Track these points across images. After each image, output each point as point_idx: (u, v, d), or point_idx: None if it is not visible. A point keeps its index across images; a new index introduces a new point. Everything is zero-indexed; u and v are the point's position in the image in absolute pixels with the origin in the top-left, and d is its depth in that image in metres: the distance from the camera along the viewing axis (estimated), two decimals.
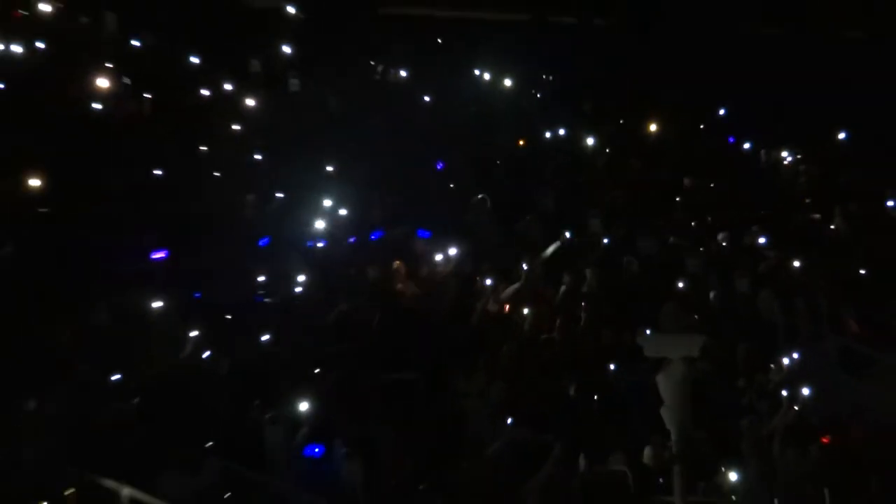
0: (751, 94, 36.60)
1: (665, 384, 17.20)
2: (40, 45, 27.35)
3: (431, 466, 19.36)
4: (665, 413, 17.32)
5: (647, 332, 20.36)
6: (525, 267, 25.34)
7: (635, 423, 21.14)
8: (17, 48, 26.83)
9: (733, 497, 20.30)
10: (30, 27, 28.36)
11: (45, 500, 16.97)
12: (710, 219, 30.45)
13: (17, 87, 25.30)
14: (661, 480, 19.65)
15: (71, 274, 21.14)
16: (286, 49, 31.42)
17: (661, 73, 36.94)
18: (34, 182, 22.27)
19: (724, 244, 29.11)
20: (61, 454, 17.87)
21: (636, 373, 21.06)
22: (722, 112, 37.42)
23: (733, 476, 20.30)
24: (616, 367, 22.91)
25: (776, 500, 20.68)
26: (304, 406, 19.75)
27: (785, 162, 35.35)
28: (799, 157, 35.27)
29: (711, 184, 32.44)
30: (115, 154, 24.30)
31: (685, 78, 36.52)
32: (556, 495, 19.22)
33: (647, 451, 20.62)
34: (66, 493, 17.32)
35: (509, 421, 20.74)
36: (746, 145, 35.81)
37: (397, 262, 24.73)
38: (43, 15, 28.78)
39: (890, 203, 32.02)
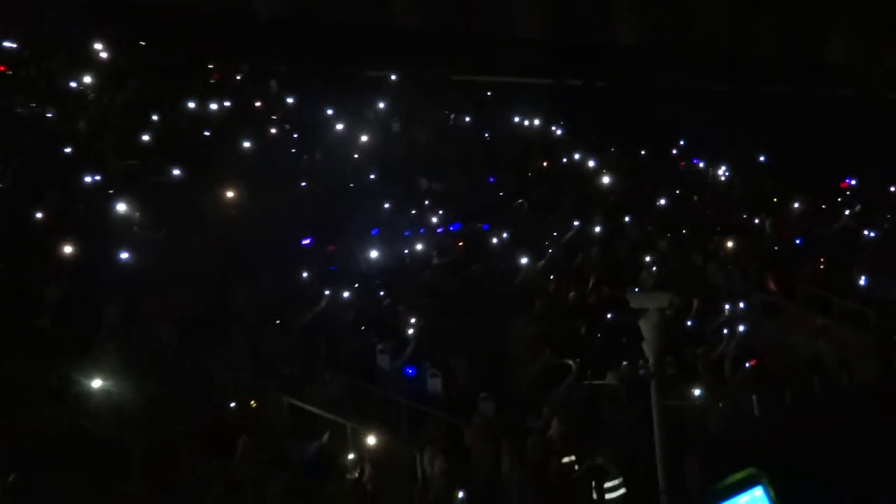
0: (703, 129, 36.43)
1: (645, 326, 16.93)
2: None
3: (489, 382, 19.17)
4: (645, 346, 17.07)
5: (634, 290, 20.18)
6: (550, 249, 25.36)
7: (625, 352, 20.88)
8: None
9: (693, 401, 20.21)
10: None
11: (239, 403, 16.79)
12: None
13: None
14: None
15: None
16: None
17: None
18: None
19: (683, 231, 29.22)
20: (247, 372, 17.79)
21: (625, 318, 20.77)
22: (682, 143, 37.24)
23: (692, 386, 20.19)
24: (612, 314, 22.66)
25: (721, 404, 20.53)
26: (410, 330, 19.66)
27: (722, 177, 35.44)
28: (731, 173, 35.45)
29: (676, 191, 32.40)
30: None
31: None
32: (571, 402, 19.03)
33: (609, 375, 20.46)
34: (251, 402, 17.18)
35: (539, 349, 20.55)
36: (700, 164, 35.74)
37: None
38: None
39: (795, 205, 32.35)
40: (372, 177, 27.41)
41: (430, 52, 36.59)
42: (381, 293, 21.86)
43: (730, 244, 28.23)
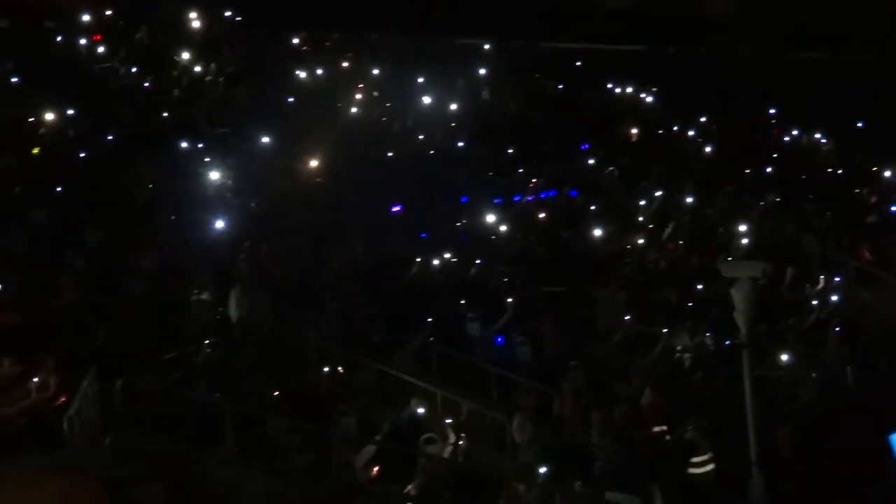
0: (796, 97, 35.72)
1: (737, 295, 16.74)
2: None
3: (578, 350, 19.02)
4: (737, 315, 16.85)
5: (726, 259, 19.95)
6: (641, 217, 25.11)
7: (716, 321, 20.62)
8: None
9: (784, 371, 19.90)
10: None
11: (326, 366, 16.81)
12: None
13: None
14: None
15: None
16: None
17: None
18: None
19: (776, 199, 28.79)
20: (339, 339, 17.82)
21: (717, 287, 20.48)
22: (775, 111, 36.63)
23: (784, 356, 19.86)
24: (703, 285, 22.36)
25: (814, 374, 20.18)
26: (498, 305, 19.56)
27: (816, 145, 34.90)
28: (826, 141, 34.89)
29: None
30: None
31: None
32: (661, 372, 18.83)
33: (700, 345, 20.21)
34: (339, 368, 17.20)
35: (628, 318, 20.34)
36: (794, 132, 35.16)
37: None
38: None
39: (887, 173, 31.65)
40: (462, 144, 27.31)
41: (520, 19, 36.30)
42: (471, 261, 21.75)
43: (827, 214, 27.83)
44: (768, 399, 18.40)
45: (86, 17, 27.70)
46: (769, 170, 31.37)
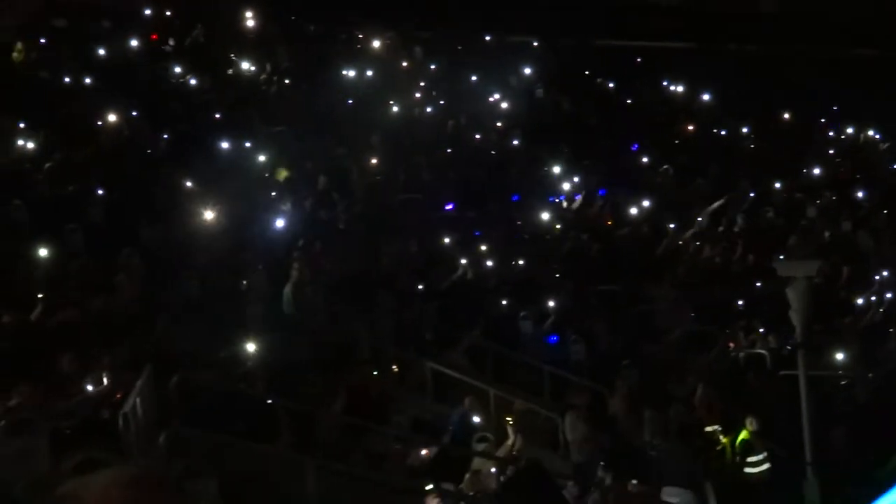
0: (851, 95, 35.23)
1: (792, 294, 16.59)
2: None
3: (631, 348, 18.93)
4: (792, 314, 16.70)
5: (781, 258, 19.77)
6: (700, 218, 24.98)
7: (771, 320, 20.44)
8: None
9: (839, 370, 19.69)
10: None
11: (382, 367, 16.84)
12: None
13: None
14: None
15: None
16: None
17: None
18: None
19: (833, 198, 28.47)
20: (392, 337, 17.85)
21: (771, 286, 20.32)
22: (832, 109, 36.24)
23: (839, 356, 19.66)
24: (759, 282, 22.18)
25: (870, 374, 19.96)
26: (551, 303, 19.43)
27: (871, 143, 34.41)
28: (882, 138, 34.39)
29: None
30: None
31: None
32: (716, 371, 18.70)
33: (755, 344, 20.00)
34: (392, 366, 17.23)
35: (682, 316, 20.23)
36: (849, 129, 34.74)
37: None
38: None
39: None
40: (515, 142, 27.26)
41: (574, 17, 36.15)
42: (524, 259, 21.70)
43: (884, 212, 27.49)
44: (823, 399, 18.22)
45: (142, 17, 27.86)
46: (825, 168, 30.99)
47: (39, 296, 15.04)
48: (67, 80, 23.67)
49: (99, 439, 12.53)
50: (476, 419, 16.10)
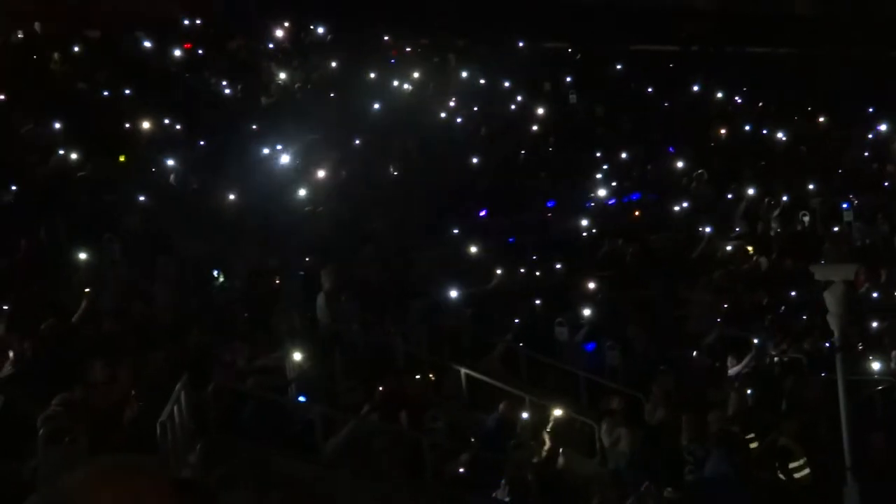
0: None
1: (830, 298, 16.42)
2: None
3: (668, 354, 18.86)
4: (830, 318, 16.55)
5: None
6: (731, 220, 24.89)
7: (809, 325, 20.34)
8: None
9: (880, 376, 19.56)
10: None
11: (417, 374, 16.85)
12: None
13: None
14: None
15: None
16: None
17: None
18: None
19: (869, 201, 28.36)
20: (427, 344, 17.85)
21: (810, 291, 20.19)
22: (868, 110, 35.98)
23: (876, 365, 19.52)
24: (796, 286, 22.06)
25: None
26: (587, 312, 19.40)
27: None
28: None
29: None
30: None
31: None
32: (753, 376, 18.59)
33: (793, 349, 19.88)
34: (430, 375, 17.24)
35: (719, 321, 20.14)
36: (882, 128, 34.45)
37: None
38: None
39: None
40: (549, 148, 27.26)
41: (606, 23, 36.10)
42: (559, 265, 21.66)
43: None
44: (863, 403, 18.08)
45: (178, 27, 28.03)
46: (861, 170, 30.80)
47: (78, 304, 15.14)
48: (104, 90, 23.82)
49: (137, 447, 12.56)
50: (512, 426, 16.07)
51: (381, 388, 15.78)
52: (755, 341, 19.29)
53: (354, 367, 16.35)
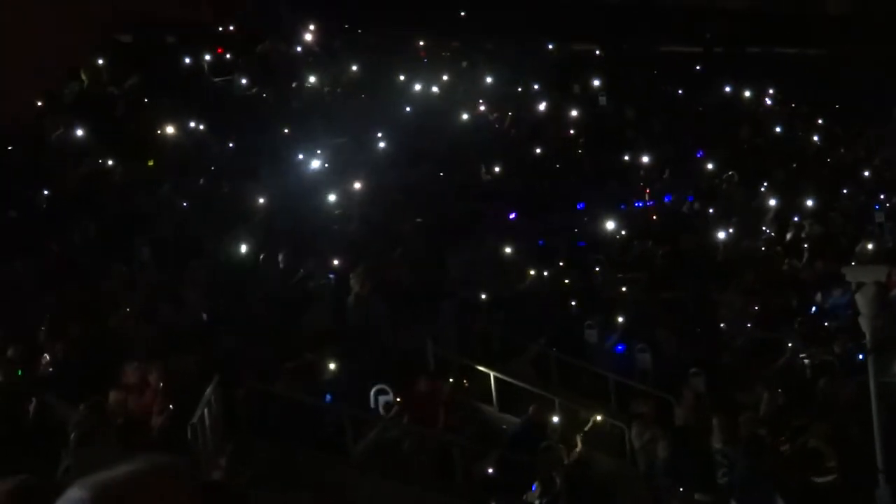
0: None
1: (862, 300, 16.33)
2: None
3: (698, 356, 18.80)
4: (862, 321, 16.46)
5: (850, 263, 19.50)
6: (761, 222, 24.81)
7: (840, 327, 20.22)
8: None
9: None
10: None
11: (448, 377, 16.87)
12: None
13: None
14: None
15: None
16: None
17: None
18: None
19: None
20: (456, 347, 17.85)
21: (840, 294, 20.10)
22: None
23: None
24: (823, 292, 21.93)
25: None
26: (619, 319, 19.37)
27: None
28: None
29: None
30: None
31: None
32: (785, 378, 18.51)
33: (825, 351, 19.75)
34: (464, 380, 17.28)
35: (749, 324, 20.05)
36: None
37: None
38: None
39: None
40: (579, 150, 27.24)
41: (635, 24, 36.05)
42: (588, 267, 21.63)
43: None
44: (895, 405, 17.97)
45: (207, 31, 28.14)
46: (892, 171, 30.69)
47: (110, 308, 15.24)
48: (135, 94, 23.95)
49: (168, 449, 12.63)
50: (542, 428, 16.06)
51: (411, 390, 15.83)
52: (789, 344, 19.19)
53: (385, 369, 16.37)
